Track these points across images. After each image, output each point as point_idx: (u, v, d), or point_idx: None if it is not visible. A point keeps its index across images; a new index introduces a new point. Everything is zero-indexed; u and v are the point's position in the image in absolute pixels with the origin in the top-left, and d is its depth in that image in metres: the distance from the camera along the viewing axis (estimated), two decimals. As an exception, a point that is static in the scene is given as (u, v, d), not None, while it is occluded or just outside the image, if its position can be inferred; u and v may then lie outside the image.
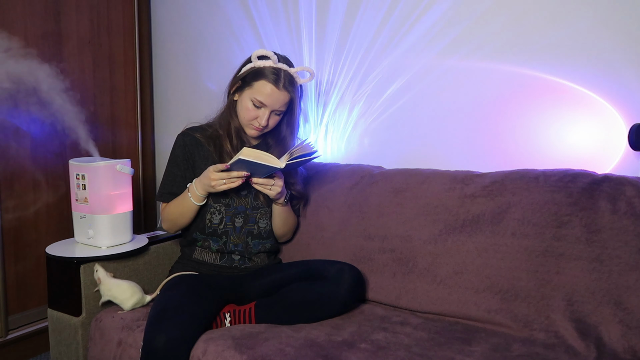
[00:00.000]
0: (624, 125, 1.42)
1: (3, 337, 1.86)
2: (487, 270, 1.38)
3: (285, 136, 1.59)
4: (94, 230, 1.59)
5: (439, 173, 1.56)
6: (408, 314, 1.44)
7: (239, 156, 1.34)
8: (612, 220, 1.29)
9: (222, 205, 1.54)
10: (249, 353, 1.17)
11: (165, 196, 1.57)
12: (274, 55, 1.47)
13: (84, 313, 1.51)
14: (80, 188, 1.59)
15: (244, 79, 1.50)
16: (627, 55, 1.40)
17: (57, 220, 2.05)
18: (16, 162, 1.91)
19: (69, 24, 2.04)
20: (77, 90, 2.06)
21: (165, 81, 2.36)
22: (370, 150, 1.84)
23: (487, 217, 1.42)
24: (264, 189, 1.46)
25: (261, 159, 1.35)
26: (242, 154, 1.33)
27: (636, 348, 1.18)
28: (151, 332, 1.21)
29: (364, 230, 1.58)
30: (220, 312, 1.41)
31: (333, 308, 1.39)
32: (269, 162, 1.35)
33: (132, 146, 2.33)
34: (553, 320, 1.27)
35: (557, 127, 1.52)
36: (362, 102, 1.83)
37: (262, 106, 1.48)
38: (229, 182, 1.41)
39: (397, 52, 1.74)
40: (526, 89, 1.55)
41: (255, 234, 1.57)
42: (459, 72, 1.64)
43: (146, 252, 1.68)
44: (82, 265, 1.50)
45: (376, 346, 1.22)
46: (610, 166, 1.46)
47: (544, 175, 1.40)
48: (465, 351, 1.20)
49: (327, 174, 1.74)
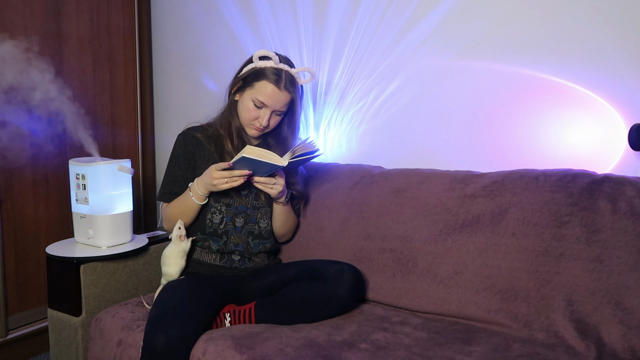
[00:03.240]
0: (624, 125, 1.42)
1: (3, 337, 1.86)
2: (487, 270, 1.38)
3: (286, 136, 1.59)
4: (94, 230, 1.59)
5: (439, 173, 1.56)
6: (408, 314, 1.44)
7: (242, 154, 1.33)
8: (612, 220, 1.29)
9: (222, 205, 1.54)
10: (249, 353, 1.17)
11: (166, 196, 1.57)
12: (275, 56, 1.47)
13: (84, 313, 1.51)
14: (80, 188, 1.60)
15: (245, 79, 1.50)
16: (627, 55, 1.40)
17: (57, 220, 2.05)
18: (16, 162, 1.91)
19: (69, 24, 2.04)
20: (77, 90, 2.06)
21: (165, 81, 2.36)
22: (370, 150, 1.84)
23: (487, 217, 1.42)
24: (266, 187, 1.46)
25: (264, 157, 1.35)
26: (245, 151, 1.33)
27: (636, 348, 1.18)
28: (151, 331, 1.21)
29: (364, 230, 1.58)
30: (220, 312, 1.41)
31: (333, 308, 1.39)
32: (271, 160, 1.35)
33: (132, 146, 2.33)
34: (553, 320, 1.27)
35: (557, 127, 1.52)
36: (362, 102, 1.83)
37: (263, 106, 1.48)
38: (231, 180, 1.41)
39: (397, 51, 1.74)
40: (526, 89, 1.55)
41: (256, 234, 1.57)
42: (459, 72, 1.64)
43: (146, 252, 1.68)
44: (82, 265, 1.50)
45: (376, 346, 1.22)
46: (610, 166, 1.46)
47: (544, 175, 1.40)
48: (465, 351, 1.20)
49: (327, 174, 1.74)
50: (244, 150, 1.34)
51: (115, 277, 1.59)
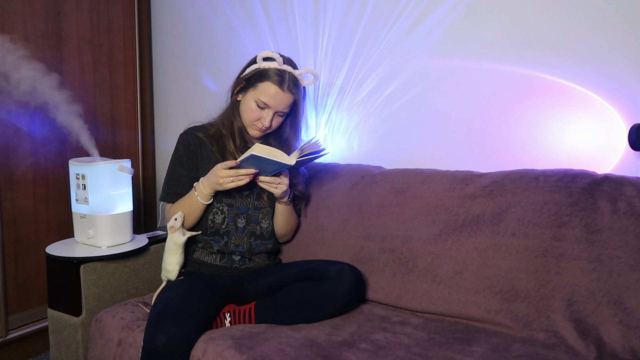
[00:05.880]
0: (624, 125, 1.42)
1: (3, 337, 1.86)
2: (487, 270, 1.38)
3: (288, 137, 1.59)
4: (94, 230, 1.59)
5: (439, 173, 1.56)
6: (408, 314, 1.44)
7: (251, 152, 1.33)
8: (612, 220, 1.29)
9: (224, 205, 1.54)
10: (249, 353, 1.17)
11: (170, 196, 1.56)
12: (279, 57, 1.47)
13: (84, 313, 1.51)
14: (80, 188, 1.59)
15: (248, 80, 1.50)
16: (627, 55, 1.40)
17: (57, 220, 2.05)
18: (16, 162, 1.91)
19: (69, 24, 2.04)
20: (77, 90, 2.06)
21: (165, 81, 2.36)
22: (370, 150, 1.84)
23: (487, 217, 1.42)
24: (270, 187, 1.46)
25: (273, 156, 1.34)
26: (254, 150, 1.33)
27: (636, 348, 1.18)
28: (151, 331, 1.21)
29: (364, 230, 1.58)
30: (220, 312, 1.41)
31: (333, 308, 1.39)
32: (280, 159, 1.35)
33: (132, 146, 2.33)
34: (553, 320, 1.27)
35: (557, 127, 1.52)
36: (362, 102, 1.83)
37: (265, 107, 1.48)
38: (237, 179, 1.41)
39: (397, 52, 1.74)
40: (526, 89, 1.55)
41: (258, 234, 1.57)
42: (459, 72, 1.64)
43: (146, 252, 1.68)
44: (82, 265, 1.50)
45: (376, 346, 1.22)
46: (610, 166, 1.46)
47: (544, 175, 1.40)
48: (465, 351, 1.20)
49: (327, 174, 1.74)
50: (253, 148, 1.33)
51: (115, 277, 1.59)
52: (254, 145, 1.34)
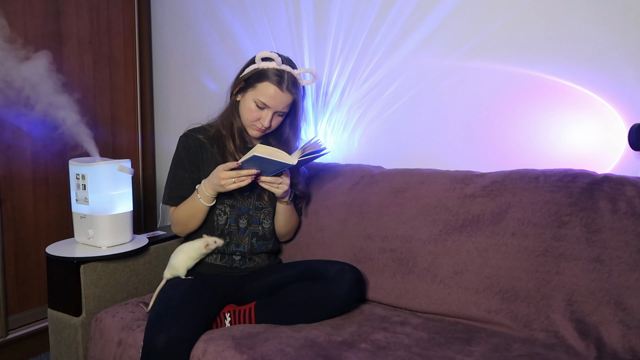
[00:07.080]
0: (624, 125, 1.42)
1: (3, 337, 1.86)
2: (487, 270, 1.38)
3: (288, 137, 1.59)
4: (94, 230, 1.59)
5: (439, 173, 1.56)
6: (408, 314, 1.44)
7: (253, 152, 1.33)
8: (612, 220, 1.29)
9: (226, 206, 1.54)
10: (249, 353, 1.17)
11: (174, 199, 1.56)
12: (278, 57, 1.47)
13: (84, 313, 1.51)
14: (80, 188, 1.59)
15: (247, 80, 1.50)
16: (627, 55, 1.40)
17: (57, 220, 2.05)
18: (16, 162, 1.91)
19: (69, 24, 2.04)
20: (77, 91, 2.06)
21: (165, 81, 2.36)
22: (370, 150, 1.84)
23: (487, 217, 1.42)
24: (271, 187, 1.46)
25: (275, 156, 1.34)
26: (256, 150, 1.33)
27: (636, 348, 1.18)
28: (151, 331, 1.21)
29: (364, 230, 1.58)
30: (220, 312, 1.41)
31: (333, 308, 1.39)
32: (282, 159, 1.35)
33: (132, 146, 2.33)
34: (553, 320, 1.27)
35: (557, 127, 1.52)
36: (361, 102, 1.83)
37: (265, 107, 1.48)
38: (239, 180, 1.41)
39: (397, 52, 1.74)
40: (526, 89, 1.55)
41: (260, 234, 1.57)
42: (459, 72, 1.64)
43: (146, 252, 1.68)
44: (82, 265, 1.50)
45: (376, 346, 1.22)
46: (610, 166, 1.46)
47: (544, 175, 1.40)
48: (465, 351, 1.20)
49: (327, 174, 1.74)
50: (255, 149, 1.33)
51: (115, 277, 1.59)
52: (256, 146, 1.34)
